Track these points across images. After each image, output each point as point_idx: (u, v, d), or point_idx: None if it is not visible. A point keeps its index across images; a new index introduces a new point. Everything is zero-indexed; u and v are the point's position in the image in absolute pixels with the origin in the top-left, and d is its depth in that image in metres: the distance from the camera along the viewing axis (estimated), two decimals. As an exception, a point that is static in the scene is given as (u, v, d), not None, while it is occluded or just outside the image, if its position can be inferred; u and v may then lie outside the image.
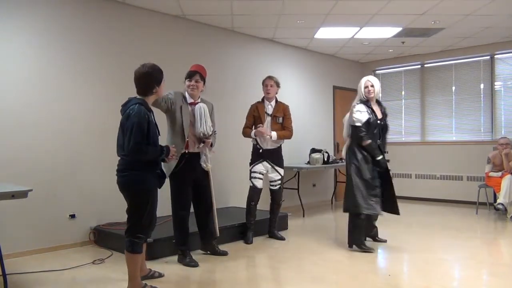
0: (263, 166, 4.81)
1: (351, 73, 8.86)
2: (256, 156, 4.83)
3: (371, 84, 4.39)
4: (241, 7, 5.40)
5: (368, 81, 4.42)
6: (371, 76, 4.60)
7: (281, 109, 4.83)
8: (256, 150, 4.83)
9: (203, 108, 3.93)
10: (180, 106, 3.84)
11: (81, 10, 4.78)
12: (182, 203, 3.96)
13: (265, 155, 4.79)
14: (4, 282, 3.10)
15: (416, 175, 8.34)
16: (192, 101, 3.96)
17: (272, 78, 4.85)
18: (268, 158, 4.79)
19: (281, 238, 4.97)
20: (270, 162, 4.80)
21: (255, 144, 4.86)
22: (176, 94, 3.86)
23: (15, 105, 4.28)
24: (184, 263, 3.94)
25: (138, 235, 3.08)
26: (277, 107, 4.83)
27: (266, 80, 4.87)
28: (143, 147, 2.97)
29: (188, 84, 3.94)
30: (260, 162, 4.80)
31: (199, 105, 3.95)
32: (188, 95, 3.96)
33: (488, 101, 7.58)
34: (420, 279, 3.59)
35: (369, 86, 4.38)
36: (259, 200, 4.83)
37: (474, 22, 6.17)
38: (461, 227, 5.74)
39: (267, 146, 4.77)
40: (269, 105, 4.84)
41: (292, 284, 3.46)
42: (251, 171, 4.83)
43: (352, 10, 5.59)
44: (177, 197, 3.96)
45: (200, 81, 3.94)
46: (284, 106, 4.90)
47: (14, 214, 4.18)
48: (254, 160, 4.84)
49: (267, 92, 4.83)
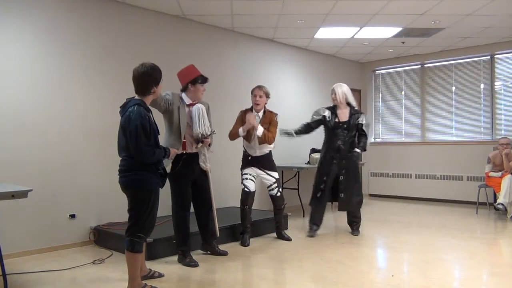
0: (253, 170, 4.78)
1: (351, 73, 8.87)
2: (246, 163, 4.80)
3: (334, 92, 5.06)
4: (241, 7, 5.40)
5: (332, 89, 5.10)
6: (336, 85, 5.10)
7: (268, 119, 4.71)
8: (246, 157, 4.81)
9: (201, 109, 3.92)
10: (178, 107, 3.84)
11: (81, 10, 4.77)
12: (181, 203, 3.96)
13: (254, 162, 4.75)
14: (4, 282, 3.10)
15: (416, 175, 8.34)
16: (190, 102, 3.95)
17: (261, 89, 4.70)
18: (258, 164, 4.76)
19: (287, 239, 4.96)
20: (261, 168, 4.77)
21: (244, 151, 4.84)
22: (174, 95, 3.85)
23: (16, 106, 4.28)
24: (184, 263, 3.94)
25: (139, 235, 3.08)
26: (264, 118, 4.71)
27: (255, 90, 4.72)
28: (151, 150, 3.00)
29: (202, 89, 3.96)
30: (249, 167, 4.78)
31: (197, 105, 3.94)
32: (188, 97, 3.95)
33: (488, 101, 7.58)
34: (420, 279, 3.59)
35: (332, 95, 5.10)
36: (253, 203, 4.79)
37: (474, 22, 6.17)
38: (461, 227, 5.73)
39: (255, 154, 4.73)
40: (256, 115, 4.70)
41: (292, 284, 3.46)
42: (242, 173, 4.81)
43: (352, 10, 5.59)
44: (177, 198, 3.97)
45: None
46: (272, 114, 4.77)
47: (14, 214, 4.18)
48: (244, 166, 4.83)
49: (256, 103, 4.69)
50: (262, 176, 4.80)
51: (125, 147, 3.05)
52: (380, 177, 8.82)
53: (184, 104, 3.91)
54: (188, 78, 3.89)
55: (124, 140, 3.05)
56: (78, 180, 4.70)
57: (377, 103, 9.03)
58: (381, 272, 3.88)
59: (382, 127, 8.99)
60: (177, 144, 3.79)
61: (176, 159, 3.78)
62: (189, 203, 4.03)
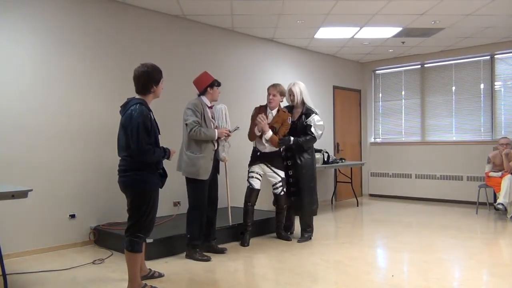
0: (260, 168, 4.80)
1: (351, 73, 8.87)
2: (254, 159, 4.83)
3: (291, 93, 4.87)
4: (241, 7, 5.40)
5: (289, 89, 4.89)
6: (293, 83, 4.93)
7: (281, 119, 4.72)
8: (254, 153, 4.84)
9: (224, 108, 4.35)
10: (204, 113, 4.10)
11: (80, 10, 4.77)
12: (204, 198, 4.13)
13: (263, 158, 4.77)
14: (4, 282, 3.10)
15: (416, 175, 8.34)
16: (210, 105, 4.24)
17: (276, 87, 4.73)
18: (266, 161, 4.77)
19: (287, 239, 4.96)
20: (268, 165, 4.78)
21: (254, 147, 4.87)
22: (196, 106, 4.08)
23: (16, 106, 4.28)
24: (195, 258, 4.07)
25: (138, 234, 3.09)
26: (276, 117, 4.72)
27: (270, 88, 4.76)
28: (151, 148, 3.02)
29: (218, 91, 4.28)
30: (257, 164, 4.80)
31: (220, 106, 4.35)
32: (208, 100, 4.21)
33: (488, 101, 7.58)
34: (420, 279, 3.59)
35: (290, 95, 4.91)
36: (256, 201, 4.80)
37: (474, 22, 6.17)
38: (461, 227, 5.74)
39: (264, 150, 4.75)
40: (270, 113, 4.75)
41: (292, 284, 3.46)
42: (249, 171, 4.83)
43: (352, 10, 5.59)
44: (201, 193, 4.11)
45: None
46: (286, 114, 4.77)
47: (14, 214, 4.18)
48: (252, 162, 4.85)
49: (269, 101, 4.75)
50: (268, 174, 4.81)
51: (125, 146, 3.06)
52: (380, 177, 8.82)
53: (206, 106, 4.18)
54: (206, 83, 4.17)
55: (124, 139, 3.06)
56: (78, 180, 4.70)
57: (377, 103, 9.04)
58: (381, 272, 3.88)
59: (382, 127, 8.99)
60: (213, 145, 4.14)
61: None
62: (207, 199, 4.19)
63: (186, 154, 4.05)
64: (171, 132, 4.67)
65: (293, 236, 5.08)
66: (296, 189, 4.82)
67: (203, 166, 4.02)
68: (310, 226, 4.95)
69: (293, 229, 5.25)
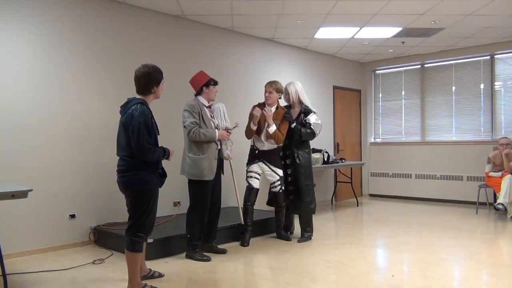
0: (259, 167, 4.80)
1: (351, 73, 8.87)
2: (253, 157, 4.83)
3: (287, 92, 4.88)
4: (241, 7, 5.40)
5: (284, 89, 4.88)
6: (289, 83, 4.94)
7: (280, 116, 4.73)
8: (253, 151, 4.84)
9: (222, 106, 4.30)
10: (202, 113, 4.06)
11: (80, 10, 4.77)
12: (207, 199, 4.11)
13: (261, 156, 4.78)
14: (4, 282, 3.10)
15: (416, 175, 8.34)
16: (208, 104, 4.19)
17: (272, 85, 4.72)
18: (265, 159, 4.77)
19: (287, 239, 4.96)
20: (266, 163, 4.78)
21: (252, 145, 4.86)
22: (193, 106, 4.03)
23: (16, 105, 4.28)
24: (194, 258, 4.07)
25: (139, 234, 3.09)
26: (276, 114, 4.72)
27: (266, 85, 4.77)
28: (152, 148, 3.03)
29: (215, 90, 4.22)
30: (256, 162, 4.80)
31: (218, 104, 4.30)
32: (205, 99, 4.16)
33: (488, 101, 7.58)
34: (420, 279, 3.59)
35: (285, 95, 4.90)
36: (255, 200, 4.80)
37: (474, 22, 6.17)
38: (461, 227, 5.74)
39: (263, 147, 4.76)
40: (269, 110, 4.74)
41: (292, 284, 3.46)
42: (247, 170, 4.83)
43: (352, 10, 5.59)
44: (204, 194, 4.08)
45: None
46: (283, 112, 4.78)
47: (14, 214, 4.18)
48: (250, 161, 4.84)
49: (266, 98, 4.75)
50: (267, 173, 4.80)
51: (125, 146, 3.07)
52: (380, 177, 8.82)
53: (204, 106, 4.14)
54: (201, 82, 4.13)
55: (124, 139, 3.07)
56: (78, 180, 4.70)
57: (377, 103, 9.03)
58: (381, 272, 3.88)
59: (382, 127, 8.99)
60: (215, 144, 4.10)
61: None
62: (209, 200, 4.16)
63: (188, 156, 4.03)
64: (171, 133, 4.66)
65: (293, 236, 5.09)
66: (295, 188, 4.82)
67: (206, 167, 4.00)
68: (310, 226, 4.96)
69: (293, 229, 5.26)
